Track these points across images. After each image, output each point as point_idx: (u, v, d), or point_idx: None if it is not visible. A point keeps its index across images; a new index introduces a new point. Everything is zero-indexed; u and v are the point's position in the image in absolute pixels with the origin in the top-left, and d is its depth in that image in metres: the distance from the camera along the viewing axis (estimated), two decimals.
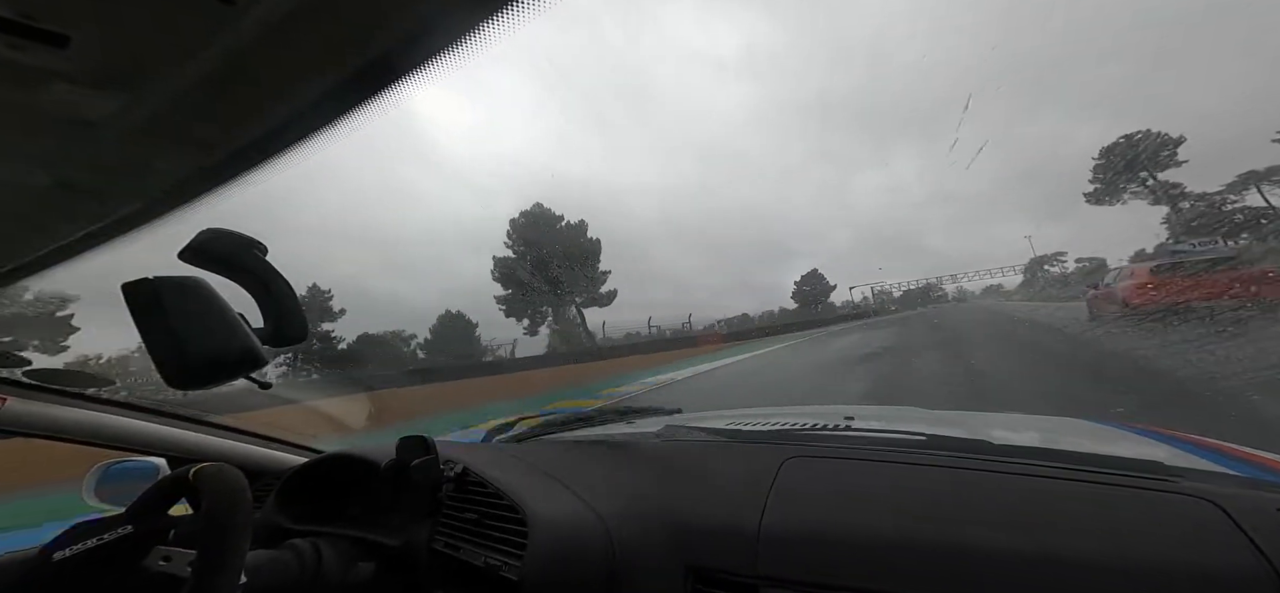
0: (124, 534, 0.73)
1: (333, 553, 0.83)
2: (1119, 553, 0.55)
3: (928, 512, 0.66)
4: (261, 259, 0.69)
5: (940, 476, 0.74)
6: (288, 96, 0.33)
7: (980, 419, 1.37)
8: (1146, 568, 0.53)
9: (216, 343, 0.59)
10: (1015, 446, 0.87)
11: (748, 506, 0.74)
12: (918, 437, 0.90)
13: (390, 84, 0.33)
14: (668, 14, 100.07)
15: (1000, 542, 0.59)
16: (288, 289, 0.72)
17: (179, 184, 0.41)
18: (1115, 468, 0.70)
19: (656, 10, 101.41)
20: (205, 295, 0.61)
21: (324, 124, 0.36)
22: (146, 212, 0.45)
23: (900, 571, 0.61)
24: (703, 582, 0.70)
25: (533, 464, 0.94)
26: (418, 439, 0.87)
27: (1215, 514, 0.56)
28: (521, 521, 0.75)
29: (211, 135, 0.36)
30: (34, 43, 0.27)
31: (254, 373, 0.67)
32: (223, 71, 0.30)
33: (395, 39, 0.30)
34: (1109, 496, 0.63)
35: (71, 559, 0.67)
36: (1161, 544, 0.54)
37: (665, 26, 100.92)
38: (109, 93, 0.31)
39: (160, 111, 0.33)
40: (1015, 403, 4.31)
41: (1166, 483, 0.63)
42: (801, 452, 0.86)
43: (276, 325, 0.71)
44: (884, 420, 1.31)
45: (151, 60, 0.29)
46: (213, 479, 0.70)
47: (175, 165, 0.40)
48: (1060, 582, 0.54)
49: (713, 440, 1.09)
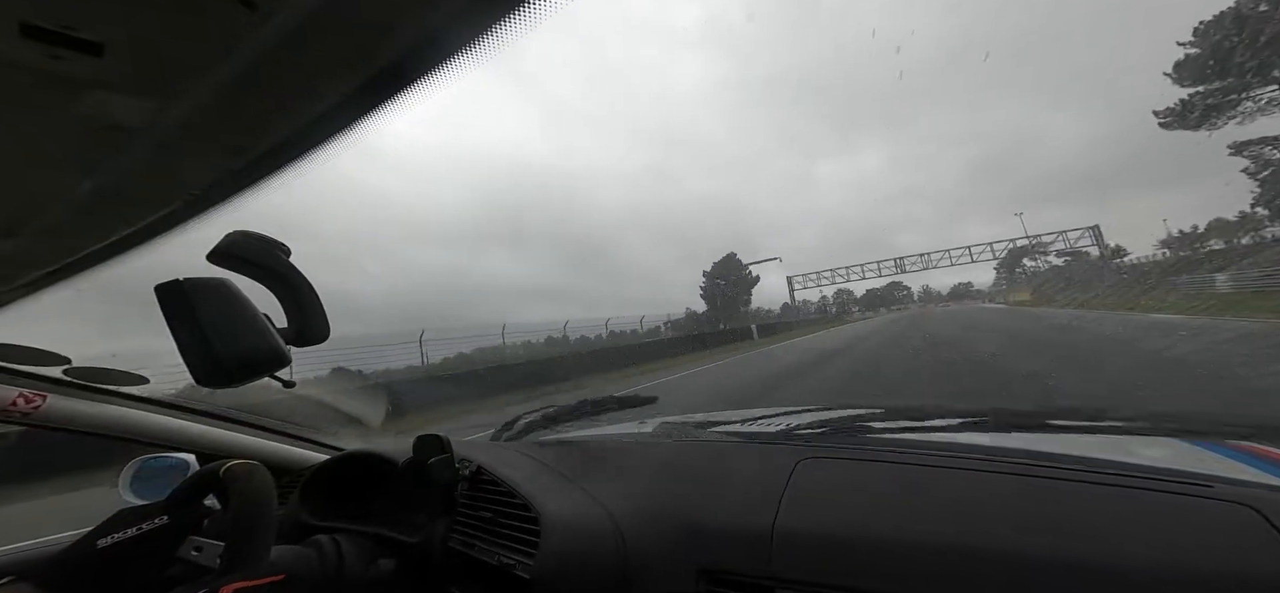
0: (162, 524, 0.78)
1: (354, 550, 0.85)
2: (1153, 561, 0.53)
3: (944, 515, 0.65)
4: (285, 261, 0.71)
5: (963, 479, 0.72)
6: (308, 101, 0.34)
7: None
8: (1182, 576, 0.51)
9: (243, 343, 0.61)
10: (1042, 450, 0.85)
11: (761, 506, 0.73)
12: (937, 440, 0.88)
13: (404, 88, 0.34)
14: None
15: (1017, 545, 0.58)
16: (310, 290, 0.74)
17: (207, 188, 0.43)
18: (1149, 474, 0.67)
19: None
20: (232, 296, 0.63)
21: (343, 128, 0.37)
22: (177, 215, 0.46)
23: (918, 573, 0.60)
24: (714, 583, 0.69)
25: (545, 463, 0.95)
26: (434, 438, 0.89)
27: (1253, 519, 0.53)
28: (534, 519, 0.76)
29: (238, 140, 0.37)
30: (72, 52, 0.28)
31: (278, 372, 0.69)
32: (247, 76, 0.31)
33: (409, 45, 0.31)
34: (1142, 502, 0.61)
35: (115, 546, 0.72)
36: (1197, 551, 0.52)
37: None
38: (141, 99, 0.32)
39: (190, 117, 0.34)
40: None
41: (1202, 488, 0.61)
42: (816, 453, 0.85)
43: (300, 326, 0.72)
44: (901, 421, 1.29)
45: (180, 66, 0.30)
46: (241, 478, 0.73)
47: (204, 169, 0.41)
48: (1084, 589, 0.53)
49: (727, 441, 1.08)
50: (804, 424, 1.18)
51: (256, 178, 0.41)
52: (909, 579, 0.60)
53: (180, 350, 0.59)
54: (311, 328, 0.76)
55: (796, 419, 1.24)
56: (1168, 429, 1.08)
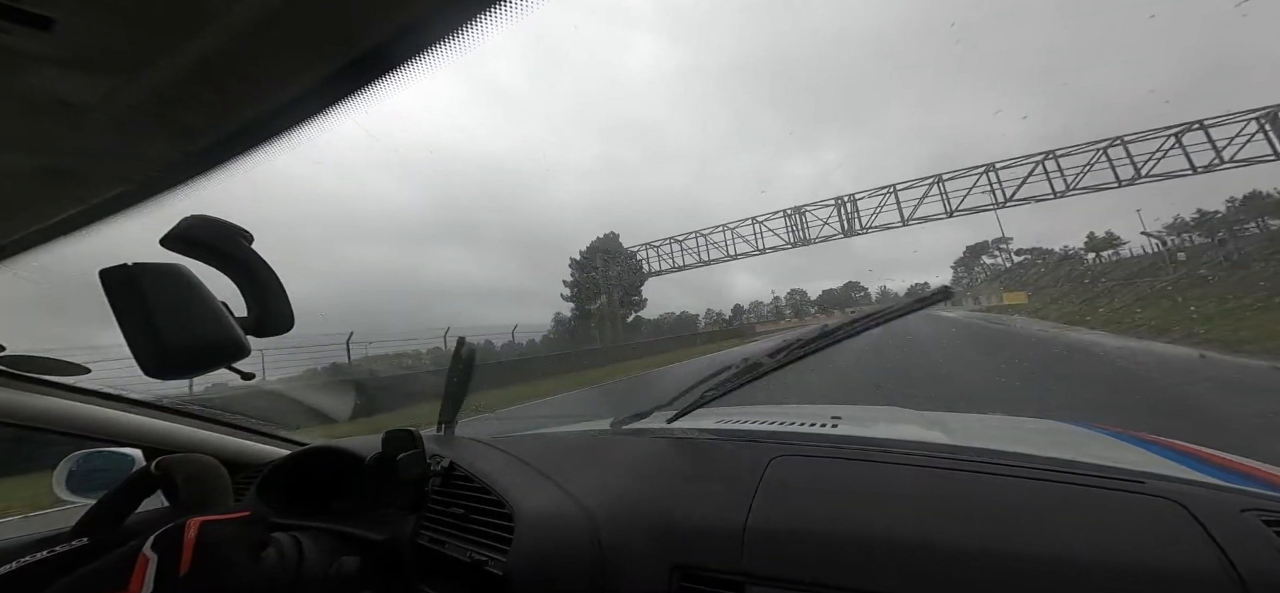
0: (79, 547, 0.67)
1: (315, 547, 0.82)
2: (1090, 553, 0.57)
3: (908, 511, 0.68)
4: (247, 247, 0.69)
5: (923, 476, 0.76)
6: (277, 85, 0.34)
7: (964, 421, 1.40)
8: (1115, 567, 0.55)
9: (196, 332, 0.58)
10: (994, 449, 0.90)
11: (734, 503, 0.75)
12: (902, 438, 0.92)
13: (376, 78, 0.34)
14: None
15: (978, 541, 0.61)
16: (273, 277, 0.71)
17: (165, 170, 0.41)
18: (1088, 471, 0.72)
19: None
20: (186, 283, 0.60)
21: (313, 113, 0.36)
22: (130, 196, 0.44)
23: (884, 568, 0.62)
24: (688, 580, 0.70)
25: (520, 458, 0.94)
26: (404, 433, 0.87)
27: (1181, 515, 0.58)
28: (508, 515, 0.76)
29: (200, 121, 0.36)
30: (18, 25, 0.26)
31: (237, 364, 0.66)
32: (213, 57, 0.30)
33: (382, 33, 0.30)
34: (1081, 497, 0.65)
35: (18, 574, 0.61)
36: (1130, 544, 0.56)
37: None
38: (94, 76, 0.31)
39: (148, 96, 0.33)
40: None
41: (1135, 485, 0.65)
42: (788, 450, 0.87)
43: (261, 315, 0.70)
44: (870, 421, 1.34)
45: (141, 45, 0.29)
46: (186, 469, 0.68)
47: (161, 151, 0.39)
48: (1033, 581, 0.56)
49: (701, 439, 1.10)
50: (778, 423, 1.20)
51: (220, 160, 0.40)
52: (873, 574, 0.62)
53: (127, 340, 0.57)
54: (274, 317, 0.73)
55: (771, 419, 1.27)
56: (1114, 429, 1.16)
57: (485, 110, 76.55)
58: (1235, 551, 0.52)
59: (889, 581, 0.61)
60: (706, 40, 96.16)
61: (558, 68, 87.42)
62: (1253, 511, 0.57)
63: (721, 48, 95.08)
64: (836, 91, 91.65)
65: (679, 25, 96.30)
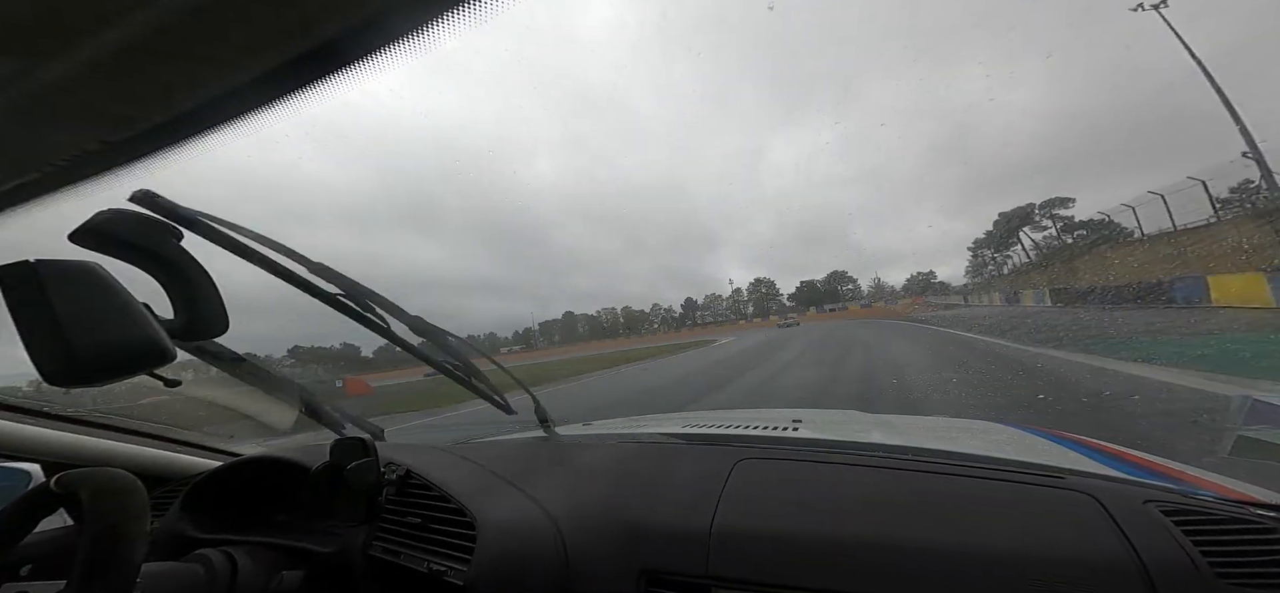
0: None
1: (251, 563, 0.77)
2: (1015, 545, 0.62)
3: (863, 512, 0.72)
4: (175, 244, 0.63)
5: (874, 476, 0.80)
6: (217, 73, 0.31)
7: (912, 423, 1.50)
8: (1039, 557, 0.60)
9: (109, 335, 0.53)
10: (936, 448, 0.96)
11: (700, 507, 0.76)
12: (858, 440, 0.97)
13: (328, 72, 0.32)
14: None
15: (924, 537, 0.66)
16: (205, 277, 0.66)
17: (77, 160, 0.37)
18: (1019, 468, 0.78)
19: None
20: (98, 282, 0.54)
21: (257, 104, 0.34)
22: (37, 186, 0.40)
23: (841, 568, 0.66)
24: (655, 584, 0.71)
25: (482, 466, 0.92)
26: (356, 441, 0.83)
27: (1093, 507, 0.64)
28: (469, 524, 0.73)
29: (124, 108, 0.33)
30: None
31: (160, 370, 0.60)
32: (141, 40, 0.27)
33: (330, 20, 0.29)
34: (1012, 493, 0.71)
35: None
36: (1050, 535, 0.62)
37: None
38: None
39: (63, 80, 0.29)
40: None
41: (1056, 479, 0.72)
42: (752, 454, 0.89)
43: (190, 317, 0.64)
44: (829, 424, 1.40)
45: (55, 24, 0.26)
46: (94, 484, 0.61)
47: (75, 139, 0.35)
48: (969, 573, 0.61)
49: (667, 443, 1.11)
50: (743, 427, 1.23)
51: (144, 153, 0.36)
52: (832, 574, 0.65)
53: (25, 344, 0.50)
54: (204, 320, 0.68)
55: (735, 422, 1.30)
56: (1046, 430, 1.27)
57: (442, 85, 72.71)
58: (1138, 539, 0.58)
59: (846, 579, 0.64)
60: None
61: (520, 40, 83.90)
62: (1154, 502, 0.64)
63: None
64: (823, 67, 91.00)
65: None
